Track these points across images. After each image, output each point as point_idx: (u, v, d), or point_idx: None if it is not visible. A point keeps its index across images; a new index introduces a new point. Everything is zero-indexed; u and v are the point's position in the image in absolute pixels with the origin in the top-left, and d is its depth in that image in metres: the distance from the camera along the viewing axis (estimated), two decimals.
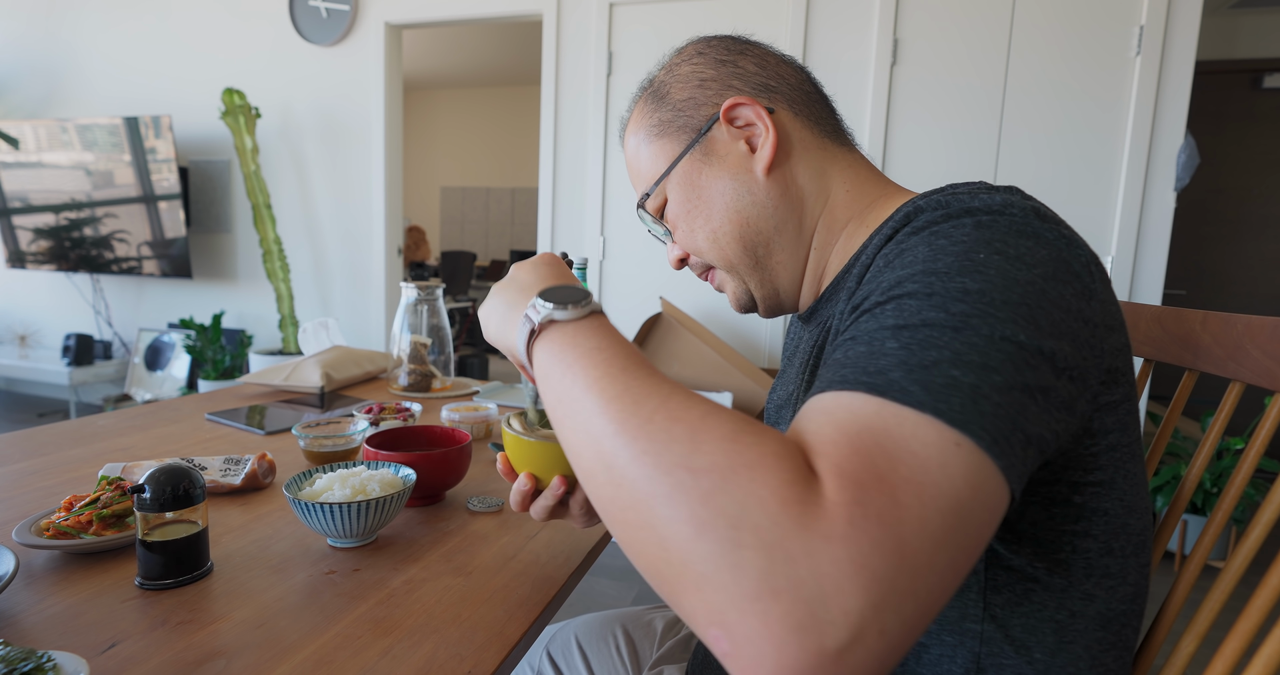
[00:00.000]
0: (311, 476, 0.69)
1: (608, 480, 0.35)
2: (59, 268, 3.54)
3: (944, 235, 0.42)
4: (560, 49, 2.76)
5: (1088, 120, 2.23)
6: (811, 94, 0.61)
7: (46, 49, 3.62)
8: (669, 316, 2.34)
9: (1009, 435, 0.33)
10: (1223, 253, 3.11)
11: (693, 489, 0.31)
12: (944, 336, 0.36)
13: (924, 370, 0.34)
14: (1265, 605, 0.51)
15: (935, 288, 0.38)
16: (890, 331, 0.37)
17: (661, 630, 0.85)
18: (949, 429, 0.32)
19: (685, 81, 0.61)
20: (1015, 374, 0.35)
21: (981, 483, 0.32)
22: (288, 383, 1.30)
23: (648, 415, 0.35)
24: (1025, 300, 0.38)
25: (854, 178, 0.60)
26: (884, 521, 0.29)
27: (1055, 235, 0.42)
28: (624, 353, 0.40)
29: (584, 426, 0.37)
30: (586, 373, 0.39)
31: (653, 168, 0.62)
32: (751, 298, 0.64)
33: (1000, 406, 0.34)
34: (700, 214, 0.60)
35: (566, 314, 0.42)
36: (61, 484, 0.80)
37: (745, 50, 0.61)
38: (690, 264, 0.65)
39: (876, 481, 0.30)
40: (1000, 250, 0.40)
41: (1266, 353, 0.55)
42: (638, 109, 0.64)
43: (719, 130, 0.59)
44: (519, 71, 5.94)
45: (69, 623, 0.52)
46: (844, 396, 0.35)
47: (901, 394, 0.33)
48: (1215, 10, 2.92)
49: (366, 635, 0.52)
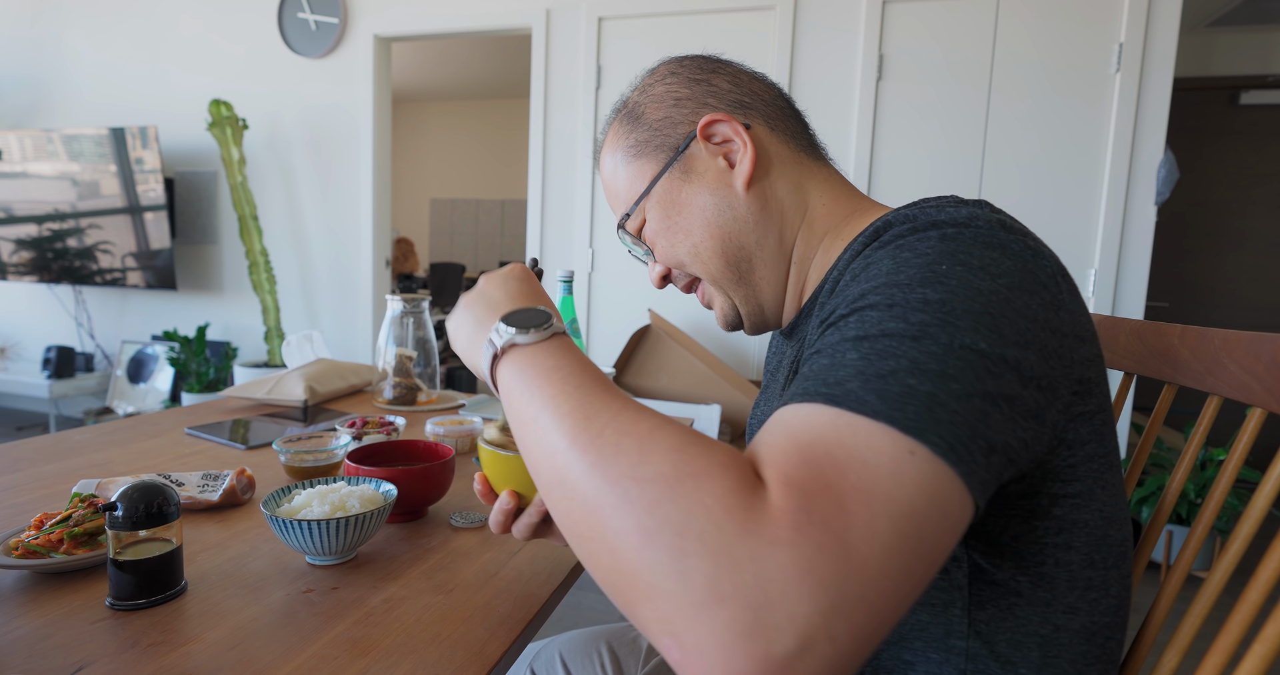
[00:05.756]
0: (290, 492, 0.68)
1: (563, 495, 0.35)
2: (41, 279, 3.50)
3: (909, 248, 0.42)
4: (549, 63, 2.77)
5: (1070, 135, 2.26)
6: (785, 109, 0.62)
7: (32, 59, 3.60)
8: (657, 329, 2.34)
9: (967, 442, 0.33)
10: (1203, 265, 3.15)
11: (639, 499, 0.31)
12: (902, 346, 0.36)
13: (880, 379, 0.34)
14: (1246, 619, 0.51)
15: (896, 299, 0.39)
16: (851, 343, 0.38)
17: (646, 647, 0.84)
18: (903, 437, 0.32)
19: (660, 101, 0.61)
20: (976, 382, 0.35)
21: (937, 490, 0.31)
22: (270, 396, 1.28)
23: (598, 429, 0.35)
24: (988, 309, 0.38)
25: (830, 191, 0.61)
26: (830, 527, 0.28)
27: (1021, 247, 0.42)
28: (580, 370, 0.41)
29: (541, 442, 0.38)
30: (543, 390, 0.40)
31: (631, 188, 0.62)
32: (738, 314, 0.64)
33: (958, 413, 0.33)
34: (681, 229, 0.60)
35: (528, 338, 0.43)
36: (34, 501, 0.78)
37: (718, 68, 0.62)
38: (673, 278, 0.65)
39: (823, 489, 0.30)
40: (964, 262, 0.40)
41: (1243, 367, 0.56)
42: (612, 131, 0.64)
43: (697, 147, 0.59)
44: (508, 84, 5.97)
45: (36, 645, 0.50)
46: (802, 408, 0.35)
47: (857, 403, 0.33)
48: (1193, 28, 2.98)
49: (344, 656, 0.51)
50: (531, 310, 0.46)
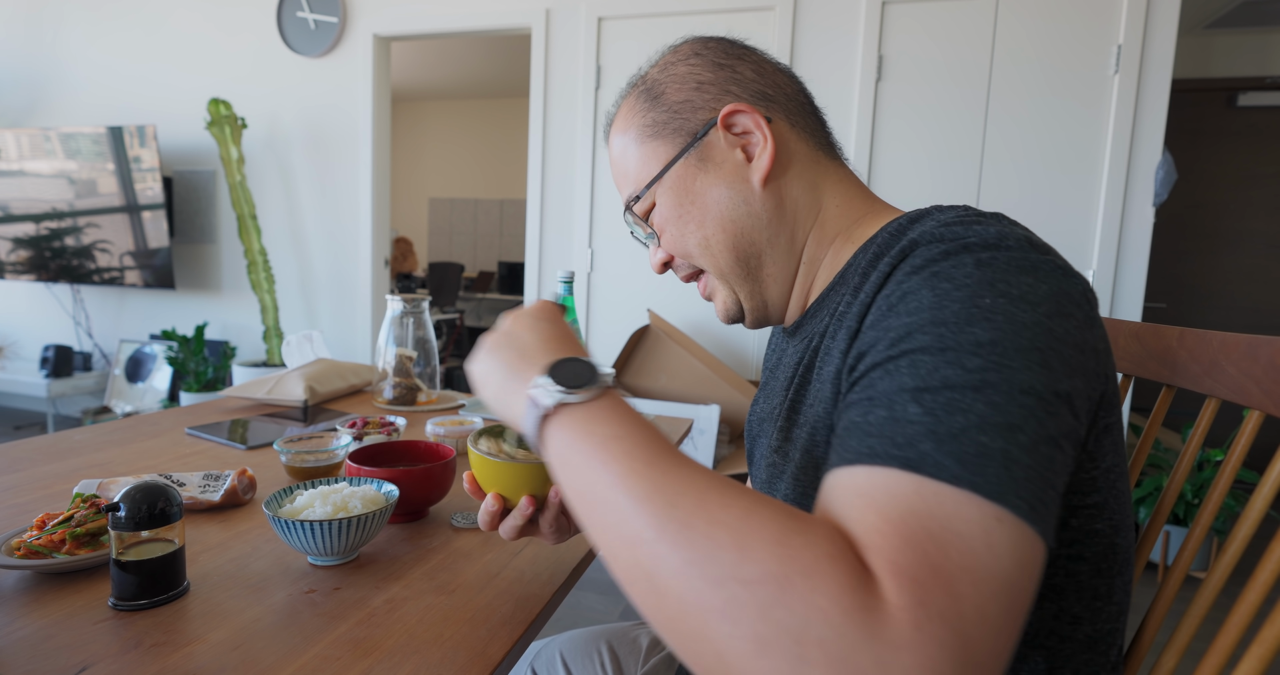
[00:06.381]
0: (292, 493, 0.68)
1: (650, 588, 0.33)
2: (39, 278, 3.49)
3: (945, 277, 0.42)
4: (549, 63, 2.77)
5: (1068, 136, 2.27)
6: (805, 106, 0.61)
7: (30, 57, 3.59)
8: (657, 329, 2.34)
9: (1042, 495, 0.34)
10: (1201, 266, 3.16)
11: (749, 603, 0.30)
12: (965, 398, 0.36)
13: (953, 440, 0.34)
14: (1244, 620, 0.51)
15: (947, 341, 0.38)
16: (910, 394, 0.37)
17: (646, 646, 0.85)
18: (988, 503, 0.32)
19: (682, 82, 0.59)
20: (1039, 427, 0.35)
21: (1025, 553, 0.32)
22: (270, 396, 1.28)
23: (685, 518, 0.33)
24: (1035, 344, 0.38)
25: (844, 192, 0.60)
26: (947, 620, 0.29)
27: (1051, 267, 0.42)
28: (646, 440, 0.38)
29: (616, 528, 0.36)
30: (609, 467, 0.37)
31: (643, 169, 0.60)
32: (740, 308, 0.62)
33: (1031, 468, 0.34)
34: (692, 220, 0.59)
35: (579, 397, 0.40)
36: (35, 501, 0.78)
37: (743, 55, 0.60)
38: (675, 266, 0.64)
39: (933, 576, 0.30)
40: (1004, 292, 0.40)
41: (1241, 370, 0.56)
42: (627, 106, 0.62)
43: (715, 136, 0.57)
44: (508, 84, 5.96)
45: (38, 645, 0.50)
46: (877, 474, 0.34)
47: (936, 468, 0.33)
48: (1191, 30, 2.99)
49: (346, 656, 0.51)
50: (576, 362, 0.43)
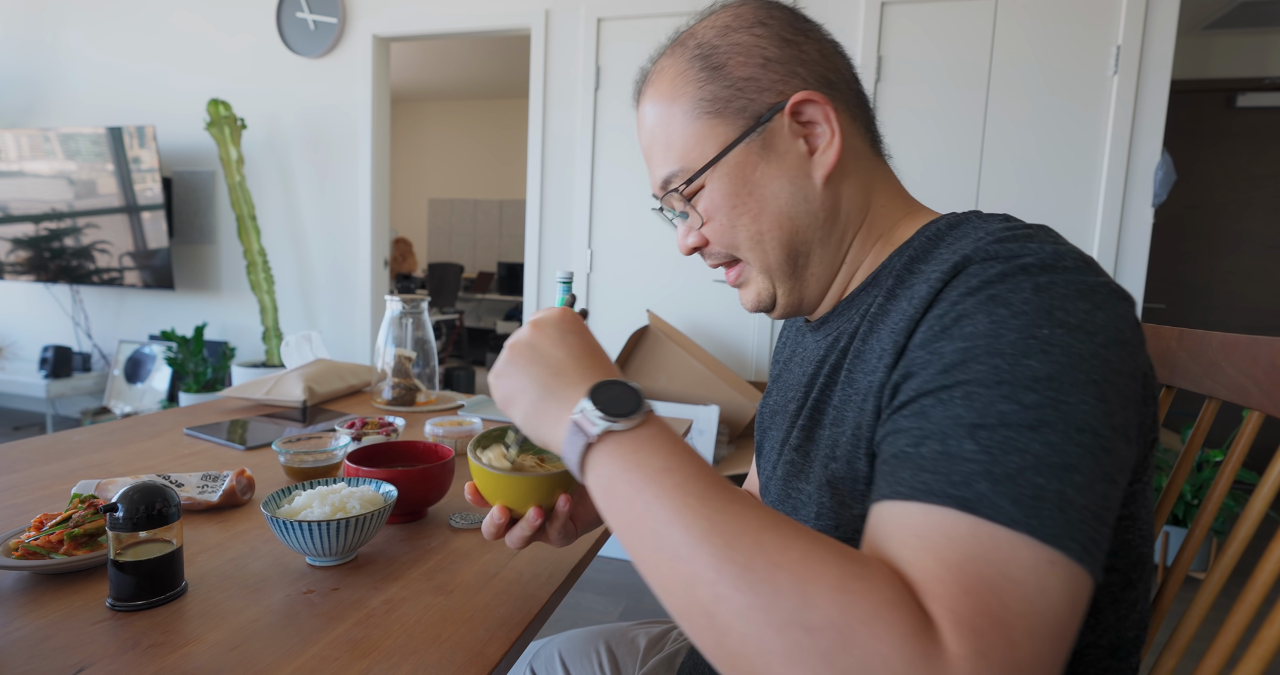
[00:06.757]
0: (290, 493, 0.68)
1: (709, 626, 0.34)
2: (38, 278, 3.49)
3: (1003, 302, 0.40)
4: (548, 63, 2.77)
5: (1067, 137, 2.27)
6: (860, 95, 0.58)
7: (29, 57, 3.59)
8: (656, 329, 2.34)
9: (1095, 535, 0.34)
10: (1200, 267, 3.16)
11: (812, 650, 0.31)
12: (1022, 438, 0.35)
13: (1010, 481, 0.34)
14: (1244, 621, 0.51)
15: (1003, 373, 0.37)
16: (966, 430, 0.37)
17: (644, 647, 0.85)
18: (1043, 547, 0.33)
19: (747, 55, 0.53)
20: (1096, 465, 0.35)
21: (1075, 592, 0.33)
22: (269, 397, 1.28)
23: (745, 560, 0.34)
24: (1092, 378, 0.37)
25: (889, 192, 0.58)
26: (1005, 669, 0.30)
27: (1108, 292, 0.41)
28: (698, 473, 0.38)
29: (671, 565, 0.36)
30: (662, 502, 0.37)
31: (695, 148, 0.55)
32: (774, 301, 0.59)
33: (1086, 509, 0.34)
34: (747, 212, 0.55)
35: (626, 425, 0.40)
36: (33, 501, 0.78)
37: (808, 31, 0.55)
38: (708, 253, 0.59)
39: (991, 625, 0.30)
40: (1062, 321, 0.39)
41: (1240, 370, 0.56)
42: (676, 70, 0.55)
43: (780, 123, 0.53)
44: (507, 84, 5.96)
45: (36, 646, 0.50)
46: (933, 513, 0.35)
47: (993, 510, 0.33)
48: (1190, 31, 2.99)
49: (344, 657, 0.51)
50: (619, 386, 0.42)
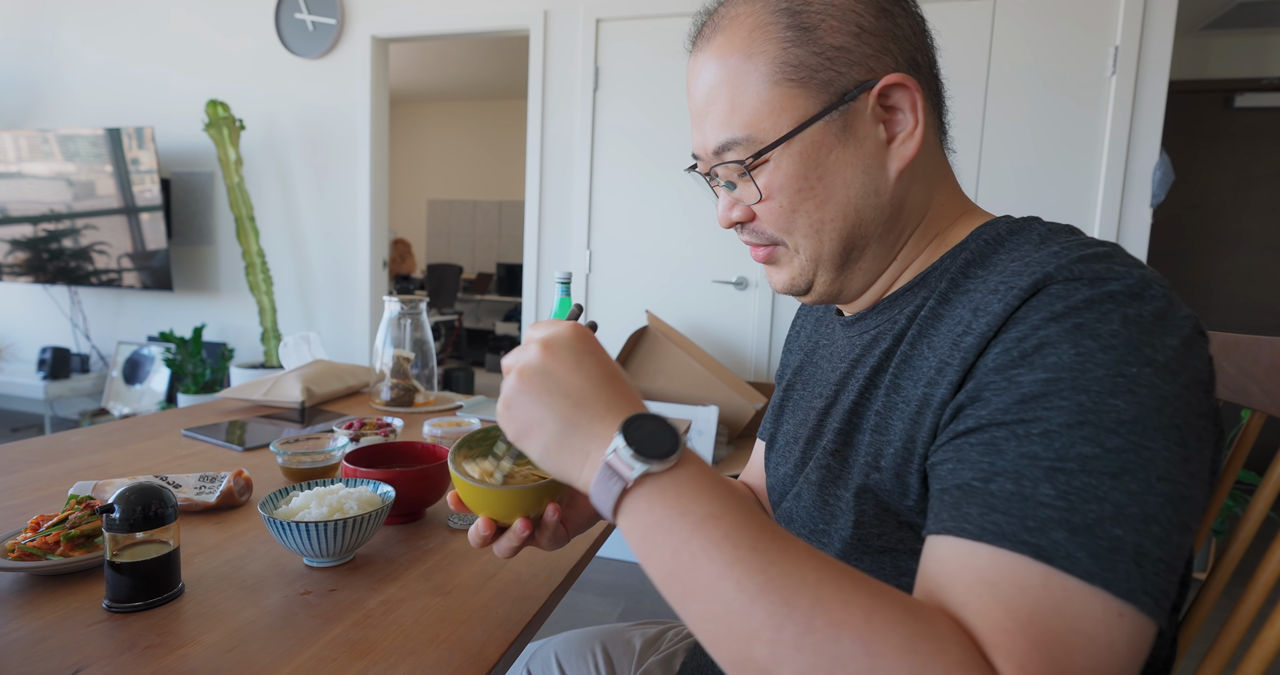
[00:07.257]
0: (288, 494, 0.68)
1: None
2: (36, 280, 3.48)
3: (1090, 333, 0.38)
4: (547, 64, 2.77)
5: (1065, 138, 2.27)
6: (940, 84, 0.53)
7: (27, 58, 3.59)
8: (655, 330, 2.34)
9: (1165, 586, 0.34)
10: (1199, 267, 3.17)
11: None
12: (1103, 486, 0.35)
13: (1088, 531, 0.34)
14: (1245, 622, 0.51)
15: (1087, 413, 0.36)
16: (1044, 473, 0.36)
17: (640, 648, 0.84)
18: (1114, 600, 0.32)
19: (842, 20, 0.48)
20: (1174, 515, 0.35)
21: (1141, 643, 0.33)
22: (268, 397, 1.28)
23: (806, 620, 0.33)
24: (1175, 422, 0.36)
25: (948, 190, 0.55)
26: None
27: (1190, 327, 0.39)
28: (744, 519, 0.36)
29: (723, 619, 0.34)
30: (709, 554, 0.35)
31: (768, 118, 0.48)
32: (809, 287, 0.55)
33: (1161, 561, 0.34)
34: (813, 198, 0.50)
35: (664, 467, 0.38)
36: (30, 502, 0.78)
37: (904, 1, 0.51)
38: (750, 230, 0.54)
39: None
40: (1150, 359, 0.37)
41: (1241, 370, 0.56)
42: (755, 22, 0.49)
43: (864, 104, 0.48)
44: (506, 85, 5.96)
45: (33, 647, 0.50)
46: (1004, 559, 0.34)
47: (1068, 561, 0.33)
48: (1188, 32, 2.99)
49: (341, 658, 0.50)
50: (652, 420, 0.39)
